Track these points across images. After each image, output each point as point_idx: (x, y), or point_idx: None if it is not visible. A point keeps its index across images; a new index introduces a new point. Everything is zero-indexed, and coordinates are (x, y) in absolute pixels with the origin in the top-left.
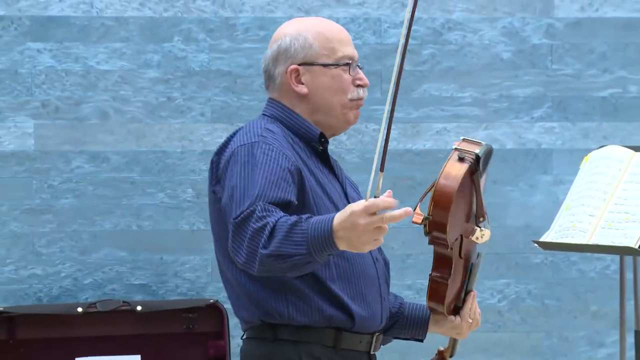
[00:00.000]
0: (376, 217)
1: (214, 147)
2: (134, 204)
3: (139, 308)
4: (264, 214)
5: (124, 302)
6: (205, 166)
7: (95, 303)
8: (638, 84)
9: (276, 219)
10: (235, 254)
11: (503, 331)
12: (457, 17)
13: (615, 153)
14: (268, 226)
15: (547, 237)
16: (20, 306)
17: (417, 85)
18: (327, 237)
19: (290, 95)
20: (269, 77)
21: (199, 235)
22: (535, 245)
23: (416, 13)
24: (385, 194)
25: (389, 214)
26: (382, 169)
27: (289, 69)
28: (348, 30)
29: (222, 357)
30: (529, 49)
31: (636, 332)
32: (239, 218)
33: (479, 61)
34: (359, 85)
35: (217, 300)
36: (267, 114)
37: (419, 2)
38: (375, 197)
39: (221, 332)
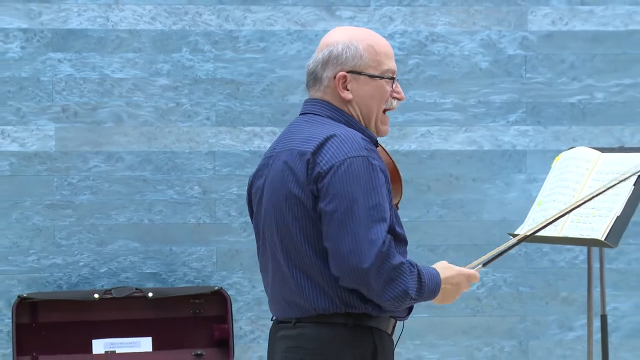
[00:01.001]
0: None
1: (218, 148)
2: (146, 200)
3: (150, 294)
4: (393, 249)
5: (136, 289)
6: (210, 165)
7: (110, 290)
8: (604, 92)
9: (404, 259)
10: (376, 279)
11: (481, 315)
12: (439, 30)
13: (583, 154)
14: (406, 267)
15: (521, 230)
16: (42, 292)
17: (403, 92)
18: (437, 291)
19: (336, 99)
20: (315, 78)
21: (205, 228)
22: (511, 237)
23: (402, 26)
24: (477, 273)
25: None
26: (485, 265)
27: (337, 75)
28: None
29: (226, 339)
30: (504, 59)
31: (602, 316)
32: (385, 248)
33: (459, 70)
34: (395, 98)
35: (221, 288)
36: (323, 115)
37: (405, 15)
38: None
39: (225, 317)
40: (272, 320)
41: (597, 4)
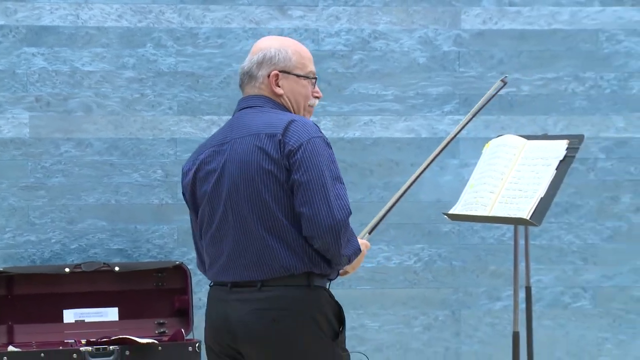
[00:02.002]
0: None
1: (180, 136)
2: (113, 182)
3: (117, 269)
4: None
5: (104, 263)
6: (172, 151)
7: (80, 264)
8: (530, 85)
9: None
10: (343, 237)
11: (418, 287)
12: (381, 29)
13: (511, 141)
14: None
15: (454, 210)
16: (17, 267)
17: (348, 84)
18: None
19: (270, 94)
20: (251, 77)
21: (167, 208)
22: (445, 216)
23: (348, 24)
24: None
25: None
26: (371, 232)
27: (271, 73)
28: (291, 38)
29: (186, 309)
30: (440, 55)
31: (527, 288)
32: (349, 211)
33: (399, 65)
34: (315, 97)
35: (182, 262)
36: (268, 107)
37: (350, 15)
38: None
39: (185, 289)
40: (210, 285)
41: (523, 5)
